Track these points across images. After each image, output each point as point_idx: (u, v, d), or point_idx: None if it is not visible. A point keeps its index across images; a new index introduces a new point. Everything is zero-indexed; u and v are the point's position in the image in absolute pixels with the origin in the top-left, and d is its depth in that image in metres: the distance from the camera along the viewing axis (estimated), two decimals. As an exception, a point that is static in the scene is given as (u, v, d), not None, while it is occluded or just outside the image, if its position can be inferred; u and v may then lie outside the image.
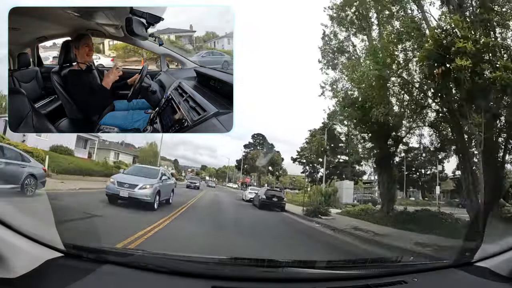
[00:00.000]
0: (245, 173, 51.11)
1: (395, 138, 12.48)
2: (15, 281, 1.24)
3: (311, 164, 42.09)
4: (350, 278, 1.82)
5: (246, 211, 14.51)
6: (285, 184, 48.57)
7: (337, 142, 29.00)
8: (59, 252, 1.52)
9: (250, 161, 50.06)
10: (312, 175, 43.02)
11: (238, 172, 53.93)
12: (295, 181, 52.72)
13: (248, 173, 51.93)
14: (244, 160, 49.13)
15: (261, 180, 52.97)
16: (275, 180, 47.87)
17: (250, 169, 51.31)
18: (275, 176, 49.60)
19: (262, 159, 45.30)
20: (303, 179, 58.06)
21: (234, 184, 51.11)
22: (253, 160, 49.75)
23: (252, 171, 51.66)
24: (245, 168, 50.13)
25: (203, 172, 60.43)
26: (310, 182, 43.27)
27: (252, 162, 49.85)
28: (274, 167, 49.49)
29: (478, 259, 2.02)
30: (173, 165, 53.11)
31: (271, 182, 48.19)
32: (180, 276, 1.54)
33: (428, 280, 1.87)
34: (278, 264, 1.88)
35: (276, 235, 8.44)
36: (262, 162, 45.55)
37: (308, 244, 7.81)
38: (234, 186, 48.05)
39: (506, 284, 1.75)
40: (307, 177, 43.15)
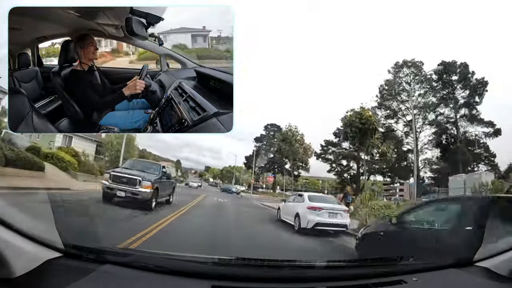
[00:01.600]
0: (256, 173, 44.48)
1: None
2: (15, 281, 1.24)
3: (344, 159, 35.95)
4: (350, 278, 1.82)
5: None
6: (297, 186, 42.99)
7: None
8: (59, 252, 1.52)
9: (263, 156, 43.88)
10: (345, 174, 36.83)
11: (245, 173, 48.69)
12: (308, 183, 47.06)
13: (261, 172, 45.07)
14: (256, 156, 43.00)
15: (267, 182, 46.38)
16: (293, 181, 42.22)
17: (265, 167, 44.17)
18: (294, 176, 42.08)
19: (287, 152, 38.13)
20: (317, 181, 52.30)
21: (241, 186, 44.51)
22: (267, 156, 43.39)
23: (266, 169, 44.13)
24: (255, 166, 43.28)
25: (206, 173, 57.97)
26: (340, 183, 37.68)
27: (267, 158, 43.43)
28: (296, 164, 41.43)
29: (478, 259, 2.02)
30: (174, 165, 50.82)
31: (289, 184, 42.25)
32: (180, 276, 1.54)
33: (428, 280, 1.87)
34: (278, 264, 1.88)
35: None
36: (289, 155, 37.87)
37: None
38: (241, 189, 41.67)
39: (506, 284, 1.75)
40: (339, 177, 37.39)
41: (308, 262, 1.95)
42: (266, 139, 43.99)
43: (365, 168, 12.66)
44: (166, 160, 49.46)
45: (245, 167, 46.16)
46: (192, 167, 57.50)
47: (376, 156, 27.96)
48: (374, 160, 28.96)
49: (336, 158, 37.88)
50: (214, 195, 24.08)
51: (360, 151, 18.14)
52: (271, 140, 43.43)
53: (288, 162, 41.69)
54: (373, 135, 18.57)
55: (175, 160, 52.34)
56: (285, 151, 38.21)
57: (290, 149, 37.30)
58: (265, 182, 46.76)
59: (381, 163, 30.33)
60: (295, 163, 40.54)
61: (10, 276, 1.24)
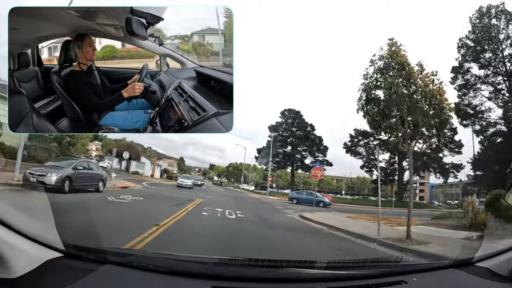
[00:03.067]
0: (268, 169, 36.66)
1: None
2: (15, 281, 1.24)
3: (384, 151, 28.12)
4: (350, 278, 1.82)
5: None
6: (310, 185, 37.40)
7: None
8: (59, 252, 1.52)
9: (277, 149, 35.99)
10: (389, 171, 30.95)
11: (253, 170, 42.91)
12: (323, 182, 39.94)
13: (278, 168, 37.54)
14: (273, 148, 35.31)
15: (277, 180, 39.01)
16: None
17: (281, 161, 36.55)
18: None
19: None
20: (331, 180, 44.49)
21: (249, 186, 39.47)
22: (283, 148, 35.65)
23: (282, 165, 36.77)
24: (270, 160, 35.03)
25: (211, 171, 55.63)
26: (373, 183, 31.71)
27: (282, 151, 35.62)
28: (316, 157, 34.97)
29: (478, 259, 2.02)
30: (177, 164, 49.48)
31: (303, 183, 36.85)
32: (180, 276, 1.54)
33: (428, 280, 1.87)
34: (278, 264, 1.87)
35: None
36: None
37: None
38: (250, 189, 37.06)
39: (506, 284, 1.75)
40: (383, 175, 30.67)
41: (308, 262, 1.95)
42: (284, 126, 37.53)
43: (411, 161, 7.82)
44: (169, 158, 49.05)
45: (256, 160, 38.98)
46: (197, 165, 56.58)
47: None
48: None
49: (370, 151, 31.55)
50: (217, 201, 15.99)
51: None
52: (290, 127, 37.09)
53: (310, 154, 35.00)
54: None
55: (179, 158, 51.23)
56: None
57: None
58: (274, 181, 39.34)
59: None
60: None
61: (10, 276, 1.24)
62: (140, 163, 38.62)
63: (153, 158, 44.83)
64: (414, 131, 9.31)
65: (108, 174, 16.38)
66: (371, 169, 32.83)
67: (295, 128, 36.90)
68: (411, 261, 2.47)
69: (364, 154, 33.17)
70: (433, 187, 50.69)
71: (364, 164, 33.26)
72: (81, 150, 23.49)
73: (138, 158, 35.93)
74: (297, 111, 37.51)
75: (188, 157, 53.82)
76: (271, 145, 34.72)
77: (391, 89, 8.48)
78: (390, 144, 19.31)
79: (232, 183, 44.93)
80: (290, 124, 37.62)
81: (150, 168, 40.75)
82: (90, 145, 25.82)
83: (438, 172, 31.16)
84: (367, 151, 32.72)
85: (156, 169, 42.60)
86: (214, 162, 57.02)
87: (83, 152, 25.12)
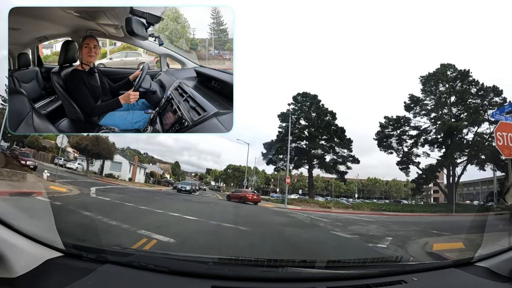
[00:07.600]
0: (279, 168, 28.95)
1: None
2: (16, 281, 1.24)
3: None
4: (350, 278, 1.82)
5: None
6: (318, 188, 31.47)
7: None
8: (59, 252, 1.52)
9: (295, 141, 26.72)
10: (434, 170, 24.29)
11: (255, 172, 36.78)
12: (329, 185, 34.81)
13: (295, 167, 28.07)
14: (282, 141, 27.08)
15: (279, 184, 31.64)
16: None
17: (297, 160, 26.77)
18: (340, 174, 27.74)
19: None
20: (341, 182, 32.37)
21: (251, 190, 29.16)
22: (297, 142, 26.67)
23: (298, 163, 27.06)
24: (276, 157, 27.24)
25: (208, 176, 51.96)
26: (416, 186, 25.66)
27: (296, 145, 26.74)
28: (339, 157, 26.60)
29: (478, 259, 2.03)
30: (171, 168, 46.27)
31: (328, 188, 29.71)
32: (180, 276, 1.54)
33: (428, 280, 1.87)
34: (278, 264, 1.87)
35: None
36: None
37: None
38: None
39: (506, 284, 1.76)
40: (424, 176, 24.39)
41: (308, 262, 1.95)
42: (299, 112, 29.48)
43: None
44: (164, 162, 47.47)
45: (263, 158, 29.63)
46: (193, 170, 54.94)
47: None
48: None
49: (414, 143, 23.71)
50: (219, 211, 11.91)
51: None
52: (306, 112, 29.05)
53: (331, 151, 26.27)
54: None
55: (174, 162, 48.54)
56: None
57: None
58: (279, 184, 32.79)
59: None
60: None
61: (11, 276, 1.24)
62: (115, 163, 28.50)
63: (133, 157, 35.25)
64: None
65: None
66: (408, 166, 26.28)
67: (314, 114, 28.64)
68: (411, 261, 2.46)
69: (399, 148, 25.75)
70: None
71: (402, 160, 26.14)
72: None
73: (109, 156, 25.64)
74: (312, 94, 30.06)
75: (183, 162, 52.13)
76: (288, 139, 25.85)
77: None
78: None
79: (231, 187, 38.39)
80: (306, 108, 29.22)
81: (129, 170, 31.10)
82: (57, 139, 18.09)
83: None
84: (400, 143, 25.18)
85: (138, 172, 32.61)
86: (210, 167, 53.96)
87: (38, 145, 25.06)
